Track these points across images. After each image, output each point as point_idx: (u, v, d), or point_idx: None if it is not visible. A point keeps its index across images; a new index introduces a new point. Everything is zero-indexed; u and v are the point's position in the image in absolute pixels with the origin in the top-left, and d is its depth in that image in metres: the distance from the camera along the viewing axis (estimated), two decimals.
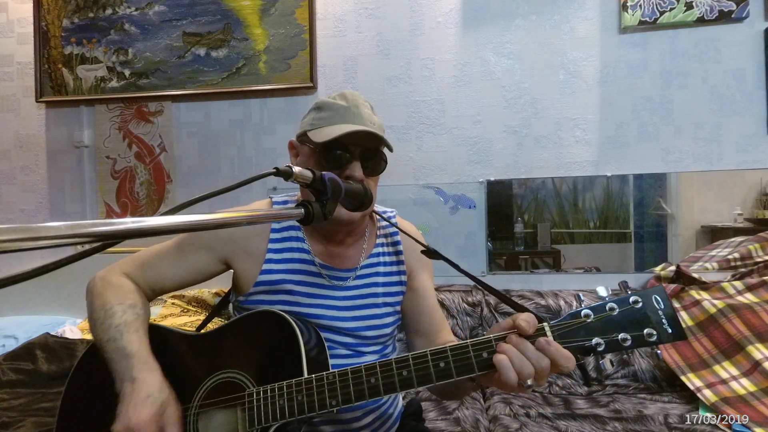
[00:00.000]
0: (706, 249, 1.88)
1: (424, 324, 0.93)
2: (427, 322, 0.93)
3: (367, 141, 0.83)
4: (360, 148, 0.83)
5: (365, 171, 0.83)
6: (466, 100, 2.00)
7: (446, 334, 0.93)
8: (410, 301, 0.95)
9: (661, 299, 0.63)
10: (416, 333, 0.94)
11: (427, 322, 0.93)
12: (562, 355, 0.60)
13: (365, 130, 0.80)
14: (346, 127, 0.80)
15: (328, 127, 0.82)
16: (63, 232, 0.31)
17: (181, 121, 2.17)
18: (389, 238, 0.97)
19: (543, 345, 0.61)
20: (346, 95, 0.86)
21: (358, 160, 0.82)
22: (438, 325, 0.94)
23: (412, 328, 0.95)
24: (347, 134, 0.79)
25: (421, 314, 0.94)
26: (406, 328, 0.97)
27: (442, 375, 0.64)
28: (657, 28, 1.88)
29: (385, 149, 0.86)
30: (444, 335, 0.92)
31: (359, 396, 0.67)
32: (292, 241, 0.90)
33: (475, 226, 2.00)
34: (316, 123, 0.84)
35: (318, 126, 0.84)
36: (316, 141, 0.81)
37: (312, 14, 2.03)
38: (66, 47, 2.19)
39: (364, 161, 0.83)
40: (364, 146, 0.83)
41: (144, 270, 0.89)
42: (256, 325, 0.81)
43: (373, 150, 0.84)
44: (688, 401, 1.48)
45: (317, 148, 0.82)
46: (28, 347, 1.70)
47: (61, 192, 2.25)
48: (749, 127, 1.85)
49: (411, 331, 0.96)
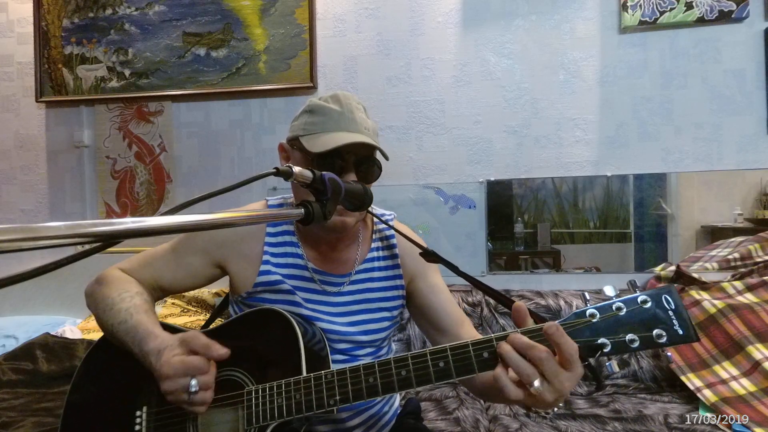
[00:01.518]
0: (706, 249, 1.88)
1: (442, 320, 0.91)
2: (445, 318, 0.90)
3: (363, 149, 0.81)
4: (354, 156, 0.81)
5: (359, 178, 0.81)
6: (466, 100, 2.00)
7: (468, 328, 0.89)
8: (423, 299, 0.93)
9: (671, 299, 0.60)
10: (438, 331, 0.91)
11: (445, 318, 0.90)
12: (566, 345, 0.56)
13: (358, 143, 0.78)
14: (341, 137, 0.78)
15: (323, 134, 0.80)
16: (63, 232, 0.31)
17: (181, 121, 2.17)
18: (385, 241, 0.95)
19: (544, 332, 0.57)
20: (339, 98, 0.83)
21: (352, 170, 0.81)
22: (457, 319, 0.90)
23: (432, 326, 0.92)
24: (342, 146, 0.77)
25: (437, 310, 0.91)
26: (426, 328, 0.94)
27: (442, 375, 0.63)
28: (657, 28, 1.88)
29: (379, 155, 0.85)
30: (467, 329, 0.89)
31: (357, 396, 0.67)
32: (287, 246, 0.89)
33: (475, 226, 2.00)
34: (308, 128, 0.82)
35: (311, 132, 0.81)
36: (310, 150, 0.79)
37: (312, 14, 2.03)
38: (66, 47, 2.19)
39: (358, 169, 0.82)
40: (359, 154, 0.82)
41: (142, 271, 0.89)
42: (257, 323, 0.81)
43: (367, 157, 0.83)
44: (688, 401, 1.48)
45: (310, 156, 0.80)
46: (28, 347, 1.70)
47: (61, 192, 2.25)
48: (749, 127, 1.85)
49: (433, 330, 0.92)
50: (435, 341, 0.92)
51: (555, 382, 0.56)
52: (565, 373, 0.57)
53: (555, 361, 0.57)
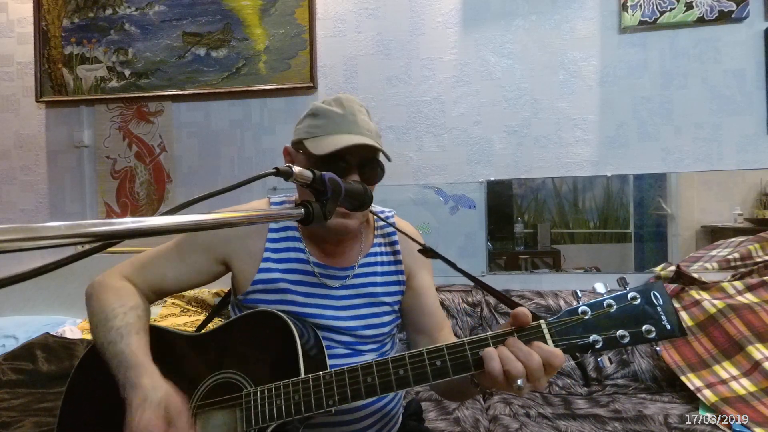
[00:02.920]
0: (706, 249, 1.88)
1: (425, 322, 0.93)
2: (428, 320, 0.93)
3: (365, 151, 0.83)
4: (357, 158, 0.82)
5: (362, 180, 0.82)
6: (466, 100, 2.00)
7: (447, 332, 0.93)
8: (411, 300, 0.95)
9: (659, 295, 0.62)
10: (418, 332, 0.94)
11: (428, 320, 0.93)
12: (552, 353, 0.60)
13: (363, 143, 0.79)
14: (344, 139, 0.79)
15: (326, 137, 0.81)
16: (63, 232, 0.31)
17: (181, 121, 2.17)
18: (387, 238, 0.97)
19: (536, 346, 0.61)
20: (342, 101, 0.84)
21: (356, 172, 0.82)
22: (440, 323, 0.93)
23: (413, 327, 0.95)
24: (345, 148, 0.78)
25: (421, 313, 0.94)
26: (407, 327, 0.97)
27: (439, 373, 0.64)
28: (657, 28, 1.88)
29: (382, 157, 0.86)
30: (445, 333, 0.92)
31: (356, 395, 0.67)
32: (289, 241, 0.90)
33: (475, 226, 2.00)
34: (312, 131, 0.83)
35: (314, 135, 0.82)
36: (313, 153, 0.80)
37: (312, 14, 2.03)
38: (66, 47, 2.19)
39: (361, 171, 0.83)
40: (362, 156, 0.82)
41: (143, 273, 0.88)
42: (253, 325, 0.81)
43: (370, 159, 0.84)
44: (688, 401, 1.48)
45: (314, 159, 0.81)
46: (28, 347, 1.70)
47: (61, 192, 2.25)
48: (749, 127, 1.85)
49: (412, 330, 0.96)
50: (412, 339, 0.96)
51: (536, 383, 0.60)
52: (546, 376, 0.60)
53: (542, 369, 0.60)
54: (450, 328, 0.95)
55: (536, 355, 0.59)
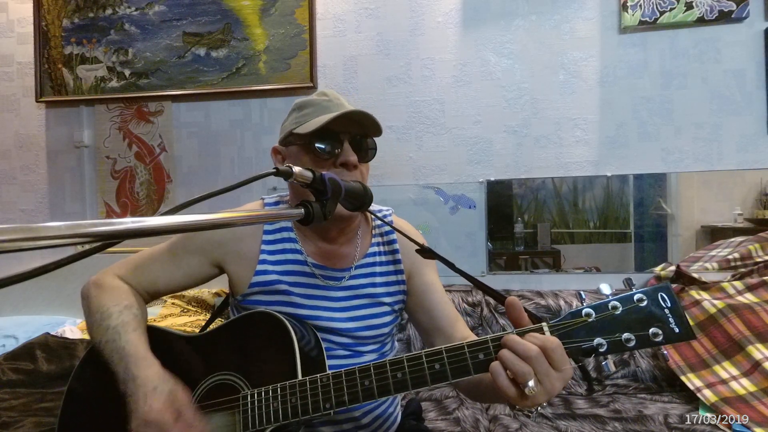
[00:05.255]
0: (706, 249, 1.88)
1: (436, 319, 0.91)
2: (438, 316, 0.91)
3: (356, 128, 0.84)
4: (348, 135, 0.84)
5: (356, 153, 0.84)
6: (466, 100, 2.00)
7: (461, 327, 0.90)
8: (416, 299, 0.93)
9: (667, 297, 0.59)
10: (432, 330, 0.91)
11: (438, 316, 0.91)
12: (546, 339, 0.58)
13: (354, 110, 0.81)
14: (334, 115, 0.80)
15: (314, 119, 0.83)
16: (63, 232, 0.31)
17: (181, 121, 2.17)
18: (385, 237, 0.96)
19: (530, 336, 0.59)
20: (326, 92, 0.88)
21: (349, 149, 0.83)
22: (452, 318, 0.90)
23: (426, 325, 0.92)
24: (337, 117, 0.79)
25: (431, 309, 0.91)
26: (420, 327, 0.94)
27: (438, 377, 0.63)
28: (657, 28, 1.88)
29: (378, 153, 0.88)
30: (460, 328, 0.89)
31: (353, 399, 0.67)
32: (285, 242, 0.89)
33: (475, 226, 2.00)
34: (300, 120, 0.85)
35: (303, 122, 0.84)
36: (304, 132, 0.81)
37: (312, 14, 2.03)
38: (66, 47, 2.19)
39: (354, 145, 0.84)
40: (353, 133, 0.84)
41: (137, 273, 0.88)
42: (251, 326, 0.81)
43: (362, 136, 0.86)
44: (688, 401, 1.48)
45: (306, 141, 0.82)
46: (28, 347, 1.70)
47: (61, 192, 2.25)
48: (749, 127, 1.85)
49: (426, 330, 0.93)
50: (428, 339, 0.93)
51: (546, 382, 0.57)
52: (555, 373, 0.57)
53: (546, 361, 0.57)
54: (464, 323, 0.91)
55: (533, 345, 0.57)
